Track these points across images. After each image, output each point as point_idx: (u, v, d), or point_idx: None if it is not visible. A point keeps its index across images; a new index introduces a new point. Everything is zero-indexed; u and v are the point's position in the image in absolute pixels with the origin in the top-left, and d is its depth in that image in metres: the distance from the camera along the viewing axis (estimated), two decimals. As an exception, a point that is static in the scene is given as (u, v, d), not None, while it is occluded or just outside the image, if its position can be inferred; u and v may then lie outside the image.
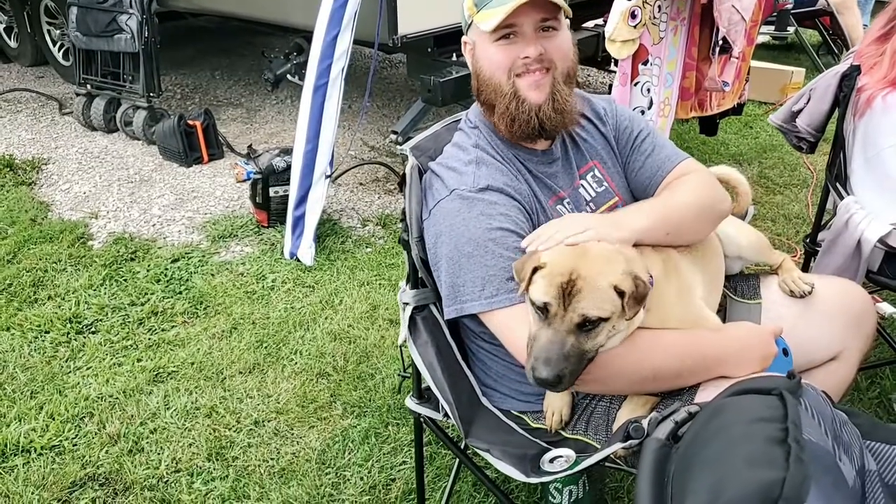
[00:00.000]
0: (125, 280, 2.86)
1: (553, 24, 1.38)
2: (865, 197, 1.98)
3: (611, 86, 3.17)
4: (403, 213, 1.44)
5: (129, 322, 2.60)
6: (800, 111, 2.12)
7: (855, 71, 1.93)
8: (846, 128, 2.00)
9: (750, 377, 1.17)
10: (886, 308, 2.65)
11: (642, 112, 3.08)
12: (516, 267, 1.27)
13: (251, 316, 2.64)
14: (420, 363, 1.43)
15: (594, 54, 3.99)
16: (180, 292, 2.77)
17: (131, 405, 2.20)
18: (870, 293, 2.44)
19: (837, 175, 2.08)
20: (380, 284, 2.83)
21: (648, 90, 3.05)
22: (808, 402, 0.73)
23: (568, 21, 1.44)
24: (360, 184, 3.83)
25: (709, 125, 3.84)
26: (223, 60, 5.92)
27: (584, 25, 4.06)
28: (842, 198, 2.02)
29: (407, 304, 1.48)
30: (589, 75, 5.46)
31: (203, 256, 3.04)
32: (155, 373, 2.33)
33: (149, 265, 2.96)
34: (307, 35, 3.19)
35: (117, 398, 2.23)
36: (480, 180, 1.36)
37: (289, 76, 4.09)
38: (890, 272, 2.00)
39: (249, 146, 3.59)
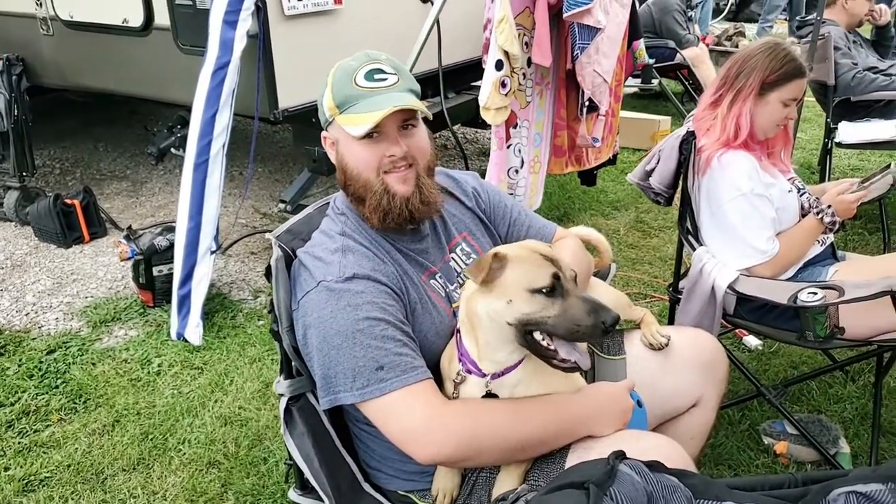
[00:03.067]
0: (-6, 378, 2.70)
1: (412, 123, 1.45)
2: (714, 247, 2.16)
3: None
4: (272, 303, 1.46)
5: (-3, 426, 2.45)
6: (652, 170, 2.30)
7: (691, 136, 2.13)
8: (691, 185, 2.19)
9: (571, 468, 1.24)
10: (752, 341, 2.87)
11: (516, 171, 3.24)
12: (471, 268, 1.32)
13: (135, 406, 2.53)
14: (297, 456, 1.43)
15: (476, 116, 4.16)
16: (56, 387, 2.63)
17: (-1, 521, 2.06)
18: (736, 329, 2.65)
19: (688, 228, 2.25)
20: (272, 360, 2.80)
21: (520, 150, 3.22)
22: (617, 491, 0.79)
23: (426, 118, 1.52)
24: (252, 253, 3.79)
25: (588, 176, 4.07)
26: (106, 132, 5.75)
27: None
28: (694, 248, 2.20)
29: (282, 394, 1.49)
30: (477, 132, 5.67)
31: (83, 345, 2.91)
32: (25, 482, 2.18)
33: (20, 359, 2.79)
34: (191, 108, 3.17)
35: (-19, 515, 2.09)
36: (346, 269, 1.40)
37: (173, 149, 4.02)
38: (744, 313, 2.18)
39: (129, 227, 3.50)
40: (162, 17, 3.38)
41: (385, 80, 1.42)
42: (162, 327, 3.04)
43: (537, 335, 1.29)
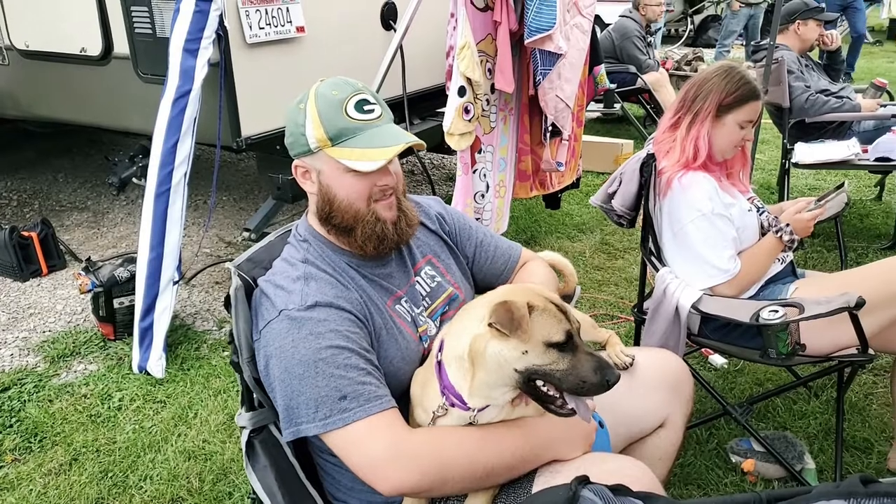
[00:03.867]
0: (-55, 419, 2.59)
1: None
2: (677, 267, 2.18)
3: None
4: (231, 334, 1.43)
5: (-51, 468, 2.35)
6: (614, 193, 2.33)
7: (651, 159, 2.16)
8: (653, 207, 2.21)
9: (534, 495, 1.24)
10: (717, 360, 2.90)
11: (482, 196, 3.26)
12: (503, 317, 1.25)
13: (95, 443, 2.45)
14: (260, 490, 1.39)
15: (441, 142, 4.19)
16: (10, 426, 2.54)
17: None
18: (701, 348, 2.67)
19: (651, 249, 2.28)
20: (237, 391, 2.73)
21: (485, 175, 3.24)
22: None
23: None
24: (216, 283, 3.73)
25: (552, 200, 4.11)
26: (66, 162, 5.66)
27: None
28: (657, 269, 2.22)
29: (244, 427, 1.45)
30: (443, 158, 5.70)
31: (39, 381, 2.82)
32: (-22, 525, 2.11)
33: (-27, 399, 2.70)
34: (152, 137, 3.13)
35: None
36: (308, 298, 1.38)
37: (134, 179, 3.96)
38: (708, 332, 2.20)
39: (88, 258, 3.42)
40: (121, 45, 3.36)
41: (373, 111, 1.42)
42: (123, 361, 2.97)
43: (539, 382, 1.28)
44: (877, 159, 3.74)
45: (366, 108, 1.41)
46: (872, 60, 9.21)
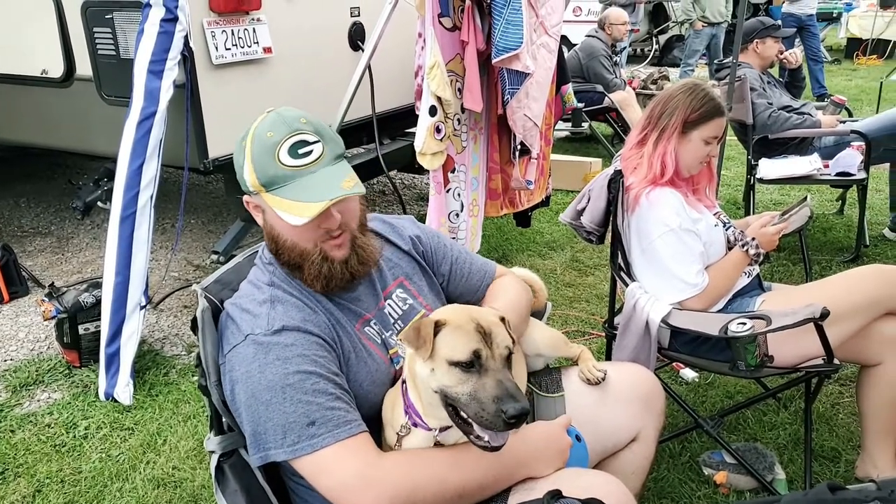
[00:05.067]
0: None
1: None
2: (646, 282, 2.20)
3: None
4: (198, 357, 1.40)
5: None
6: (583, 210, 2.35)
7: (618, 175, 2.19)
8: (621, 223, 2.24)
9: None
10: (689, 374, 2.92)
11: (457, 215, 3.26)
12: (409, 335, 1.26)
13: (59, 474, 2.38)
14: (229, 516, 1.37)
15: (413, 162, 4.20)
16: (-30, 459, 2.46)
17: None
18: (672, 362, 2.69)
19: (620, 265, 2.30)
20: (207, 416, 2.68)
21: (459, 194, 3.25)
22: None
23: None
24: (185, 307, 3.67)
25: (523, 218, 4.14)
26: (28, 186, 5.55)
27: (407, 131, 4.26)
28: (627, 285, 2.24)
29: (213, 452, 1.42)
30: (414, 178, 5.71)
31: (0, 412, 2.73)
32: (-66, 563, 2.03)
33: (-69, 431, 2.61)
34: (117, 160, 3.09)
35: None
36: (275, 322, 1.36)
37: (100, 203, 3.89)
38: (678, 346, 2.22)
39: (51, 284, 3.35)
40: (84, 67, 3.31)
41: (310, 152, 1.35)
42: (89, 388, 2.90)
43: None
44: (838, 174, 3.84)
45: (301, 150, 1.34)
46: (831, 79, 9.48)
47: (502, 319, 1.34)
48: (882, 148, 3.89)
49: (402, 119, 4.13)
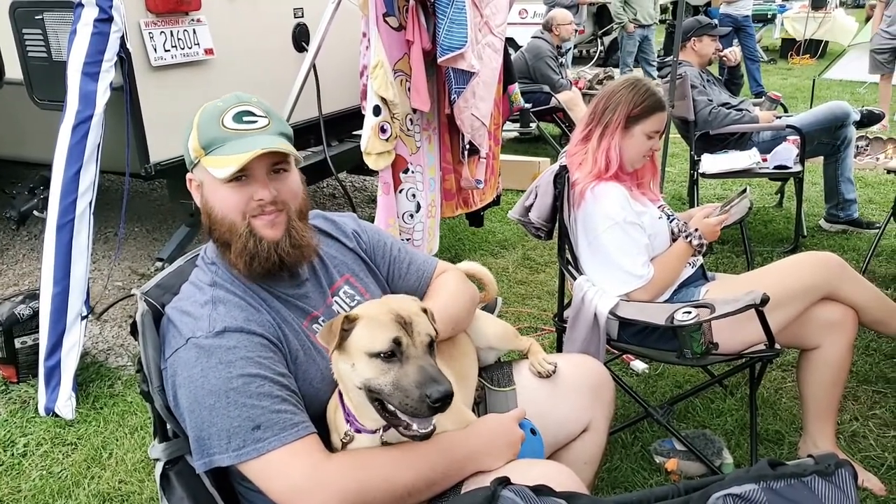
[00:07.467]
0: None
1: (283, 167, 1.41)
2: (594, 275, 2.23)
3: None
4: (139, 362, 1.36)
5: None
6: (531, 206, 2.37)
7: (564, 171, 2.21)
8: (567, 218, 2.26)
9: (455, 498, 1.25)
10: (639, 366, 2.97)
11: (412, 216, 3.25)
12: (324, 333, 1.28)
13: (-4, 493, 2.29)
14: (176, 524, 1.33)
15: (362, 163, 4.17)
16: None
17: None
18: (622, 354, 2.73)
19: (568, 259, 2.32)
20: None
21: (414, 195, 3.23)
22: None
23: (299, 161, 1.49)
24: (129, 317, 3.57)
25: (475, 218, 4.15)
26: (-41, 197, 5.31)
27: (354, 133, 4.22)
28: (575, 278, 2.26)
29: (158, 459, 1.38)
30: (364, 180, 5.67)
31: (-68, 432, 2.61)
32: None
33: None
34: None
35: None
36: (217, 323, 1.33)
37: (35, 212, 3.75)
38: (627, 337, 2.25)
39: (-14, 296, 3.21)
40: (13, 70, 3.19)
41: (255, 122, 1.39)
42: (28, 403, 2.79)
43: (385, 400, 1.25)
44: (776, 167, 3.97)
45: (245, 118, 1.38)
46: (767, 77, 9.80)
47: (424, 310, 1.34)
48: (816, 142, 4.04)
49: (350, 120, 4.09)
